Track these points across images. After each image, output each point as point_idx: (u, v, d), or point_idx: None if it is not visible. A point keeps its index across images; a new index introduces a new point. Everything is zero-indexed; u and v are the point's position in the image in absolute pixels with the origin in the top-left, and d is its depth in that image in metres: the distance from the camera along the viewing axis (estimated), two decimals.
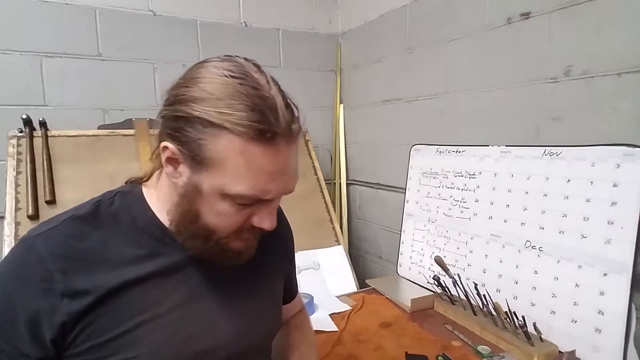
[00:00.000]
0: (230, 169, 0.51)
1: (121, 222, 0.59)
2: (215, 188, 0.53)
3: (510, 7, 1.25)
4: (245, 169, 0.51)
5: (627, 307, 0.90)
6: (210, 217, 0.56)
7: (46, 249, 0.54)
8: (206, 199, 0.54)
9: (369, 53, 1.93)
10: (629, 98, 1.00)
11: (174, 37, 1.75)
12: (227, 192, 0.53)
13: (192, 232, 0.57)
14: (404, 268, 1.56)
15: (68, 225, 0.57)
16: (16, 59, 1.51)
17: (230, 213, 0.55)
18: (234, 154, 0.51)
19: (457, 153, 1.39)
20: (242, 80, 0.51)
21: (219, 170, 0.52)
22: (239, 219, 0.57)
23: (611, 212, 0.94)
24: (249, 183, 0.52)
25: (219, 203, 0.54)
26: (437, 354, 1.02)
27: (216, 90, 0.50)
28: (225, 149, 0.50)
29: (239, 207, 0.55)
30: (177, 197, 0.57)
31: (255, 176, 0.52)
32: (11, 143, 1.37)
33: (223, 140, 0.50)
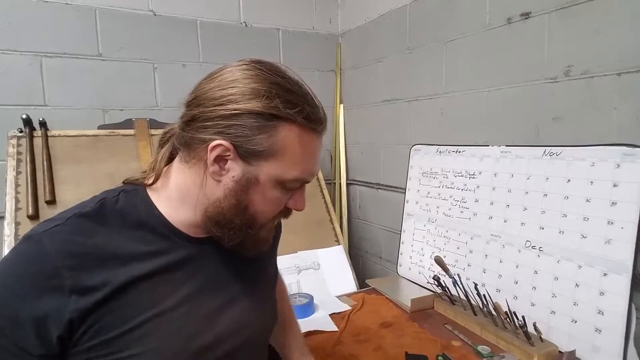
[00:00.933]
0: (290, 156, 0.57)
1: (127, 220, 0.60)
2: (273, 176, 0.58)
3: (510, 7, 1.25)
4: (302, 155, 0.58)
5: (627, 307, 0.90)
6: (260, 205, 0.60)
7: (53, 245, 0.54)
8: (262, 188, 0.59)
9: (369, 53, 1.93)
10: (629, 98, 1.00)
11: (174, 37, 1.75)
12: (284, 177, 0.58)
13: (237, 224, 0.60)
14: (404, 268, 1.56)
15: (73, 222, 0.57)
16: (16, 59, 1.51)
17: (278, 198, 0.61)
18: (293, 143, 0.57)
19: (457, 153, 1.39)
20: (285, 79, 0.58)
21: (279, 158, 0.57)
22: (282, 203, 0.62)
23: (611, 212, 0.94)
24: (303, 167, 0.59)
25: (272, 190, 0.59)
26: (437, 354, 1.02)
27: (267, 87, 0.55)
28: (287, 139, 0.56)
29: (286, 192, 0.61)
30: (222, 192, 0.59)
31: (307, 161, 0.60)
32: (11, 143, 1.37)
33: (284, 131, 0.56)
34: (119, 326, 0.55)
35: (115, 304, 0.55)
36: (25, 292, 0.52)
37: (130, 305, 0.56)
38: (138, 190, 0.64)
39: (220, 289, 0.65)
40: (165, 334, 0.57)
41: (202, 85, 0.59)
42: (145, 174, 0.66)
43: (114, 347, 0.54)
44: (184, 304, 0.60)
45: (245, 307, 0.68)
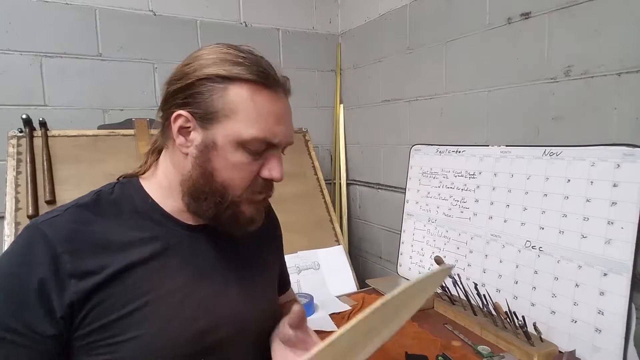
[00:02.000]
0: (242, 115, 0.58)
1: (122, 209, 0.62)
2: (230, 137, 0.58)
3: (510, 7, 1.25)
4: (256, 112, 0.58)
5: (627, 307, 0.90)
6: (225, 172, 0.60)
7: (53, 233, 0.56)
8: (221, 152, 0.59)
9: (369, 53, 1.93)
10: (629, 98, 1.00)
11: (174, 37, 1.75)
12: (241, 138, 0.58)
13: (208, 194, 0.60)
14: (404, 268, 1.56)
15: (71, 212, 0.60)
16: (16, 59, 1.51)
17: (244, 163, 0.60)
18: (244, 100, 0.58)
19: (457, 153, 1.39)
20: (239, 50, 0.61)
21: (232, 118, 0.58)
22: (252, 169, 0.61)
23: (611, 212, 0.94)
24: (260, 125, 0.58)
25: (234, 154, 0.59)
26: (437, 354, 1.02)
27: (221, 56, 0.59)
28: (237, 97, 0.58)
29: (252, 157, 0.60)
30: (189, 165, 0.60)
31: (264, 119, 0.59)
32: (11, 143, 1.37)
33: (234, 90, 0.58)
34: (117, 310, 0.56)
35: (114, 288, 0.57)
36: (29, 276, 0.54)
37: (128, 290, 0.57)
38: (132, 181, 0.67)
39: (216, 276, 0.66)
40: (162, 318, 0.59)
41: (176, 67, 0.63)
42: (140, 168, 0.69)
43: (113, 330, 0.56)
44: (180, 289, 0.61)
45: (241, 295, 0.68)
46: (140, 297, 0.58)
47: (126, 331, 0.56)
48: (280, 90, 0.61)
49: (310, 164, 1.84)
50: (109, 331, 0.56)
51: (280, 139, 0.61)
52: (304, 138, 1.89)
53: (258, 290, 0.73)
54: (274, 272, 0.82)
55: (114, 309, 0.56)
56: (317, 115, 2.13)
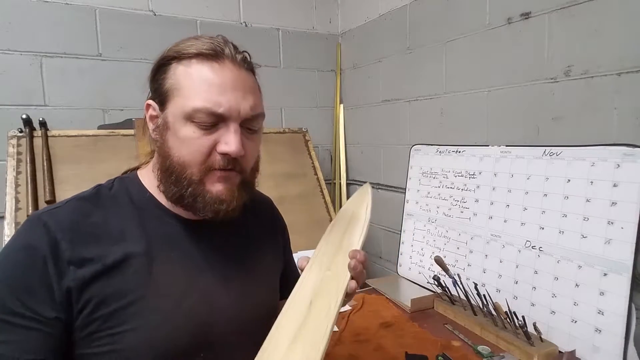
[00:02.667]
0: (185, 89, 0.59)
1: (120, 202, 0.64)
2: (177, 113, 0.60)
3: (510, 7, 1.25)
4: (197, 84, 0.59)
5: (627, 307, 0.90)
6: (179, 149, 0.60)
7: (53, 221, 0.58)
8: (172, 130, 0.60)
9: (369, 53, 1.93)
10: (629, 98, 1.00)
11: (174, 37, 1.73)
12: (185, 111, 0.59)
13: (169, 172, 0.61)
14: (404, 268, 1.56)
15: (71, 204, 0.62)
16: (16, 59, 1.51)
17: (194, 138, 0.59)
18: (187, 75, 0.60)
19: (457, 153, 1.39)
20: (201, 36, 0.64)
21: (177, 94, 0.60)
22: (203, 143, 0.60)
23: (611, 212, 0.94)
24: (201, 96, 0.58)
25: (183, 128, 0.59)
26: (437, 354, 1.02)
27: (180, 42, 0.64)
28: (182, 74, 0.60)
29: (202, 131, 0.59)
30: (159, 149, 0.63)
31: (205, 88, 0.59)
32: (11, 143, 1.37)
33: (179, 68, 0.61)
34: (116, 301, 0.57)
35: (113, 278, 0.58)
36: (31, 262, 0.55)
37: (127, 281, 0.58)
38: (131, 176, 0.69)
39: (214, 271, 0.66)
40: (161, 310, 0.59)
41: None
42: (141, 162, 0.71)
43: (113, 321, 0.57)
44: (180, 282, 0.62)
45: (240, 290, 0.69)
46: (139, 289, 0.59)
47: (126, 322, 0.57)
48: (227, 61, 0.61)
49: (310, 164, 1.84)
50: (109, 322, 0.57)
51: (226, 109, 0.59)
52: (304, 138, 1.88)
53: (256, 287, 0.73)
54: (275, 270, 0.81)
55: (113, 300, 0.57)
56: (317, 115, 2.13)
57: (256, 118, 0.63)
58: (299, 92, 2.06)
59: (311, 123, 2.02)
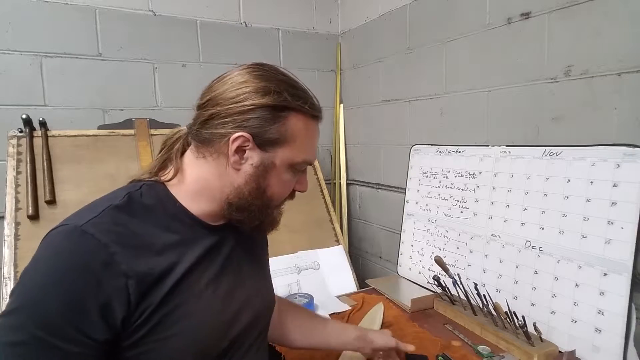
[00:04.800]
0: (299, 142, 0.66)
1: (153, 212, 0.64)
2: (287, 160, 0.66)
3: (510, 7, 1.25)
4: (308, 140, 0.68)
5: (627, 307, 0.90)
6: (276, 187, 0.68)
7: (100, 234, 0.55)
8: (277, 171, 0.67)
9: (369, 53, 1.93)
10: (629, 98, 1.00)
11: (174, 37, 1.75)
12: (295, 160, 0.67)
13: (256, 206, 0.67)
14: (404, 268, 1.56)
15: (108, 214, 0.59)
16: (16, 59, 1.51)
17: (290, 180, 0.69)
18: (300, 130, 0.66)
19: (457, 153, 1.39)
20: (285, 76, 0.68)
21: (291, 144, 0.66)
22: (292, 185, 0.71)
23: (611, 212, 0.94)
24: (308, 151, 0.69)
25: (285, 173, 0.67)
26: (437, 354, 1.02)
27: (274, 84, 0.64)
28: (295, 127, 0.65)
29: (295, 175, 0.70)
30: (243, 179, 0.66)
31: (311, 145, 0.70)
32: (11, 143, 1.37)
33: (293, 120, 0.65)
34: (163, 309, 0.59)
35: (160, 289, 0.59)
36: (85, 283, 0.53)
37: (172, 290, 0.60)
38: (157, 185, 0.68)
39: (233, 271, 0.71)
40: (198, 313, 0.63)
41: (214, 87, 0.66)
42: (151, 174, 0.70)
43: (159, 329, 0.59)
44: (210, 285, 0.66)
45: (253, 286, 0.75)
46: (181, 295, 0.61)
47: (170, 329, 0.59)
48: (321, 117, 0.71)
49: None
50: (155, 330, 0.58)
51: (314, 161, 0.72)
52: None
53: (264, 283, 0.81)
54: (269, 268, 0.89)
55: (160, 310, 0.58)
56: None
57: None
58: None
59: None
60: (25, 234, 1.25)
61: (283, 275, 1.49)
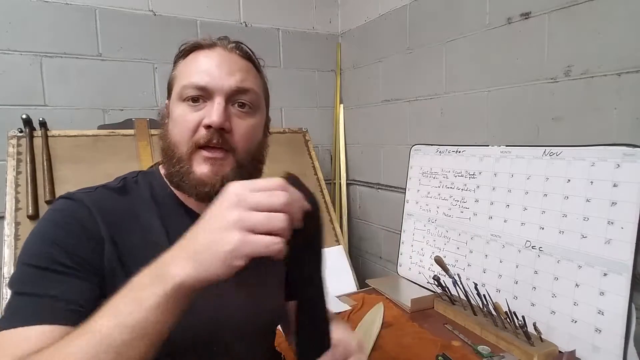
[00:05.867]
0: (180, 75, 0.66)
1: (143, 195, 0.66)
2: (174, 98, 0.65)
3: (510, 7, 1.25)
4: (189, 68, 0.65)
5: (627, 307, 0.90)
6: (172, 129, 0.65)
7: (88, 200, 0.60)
8: (171, 115, 0.66)
9: (369, 53, 1.93)
10: (629, 98, 1.00)
11: (174, 37, 1.74)
12: (177, 92, 0.64)
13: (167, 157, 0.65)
14: (404, 268, 1.56)
15: (100, 191, 0.64)
16: (16, 59, 1.51)
17: (183, 115, 0.63)
18: (184, 65, 0.67)
19: (457, 153, 1.39)
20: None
21: (176, 82, 0.66)
22: (190, 119, 0.63)
23: (611, 212, 0.94)
24: (189, 75, 0.64)
25: (176, 109, 0.64)
26: (437, 354, 1.02)
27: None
28: (180, 66, 0.67)
29: (190, 108, 0.63)
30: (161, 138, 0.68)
31: (194, 69, 0.64)
32: (11, 143, 1.37)
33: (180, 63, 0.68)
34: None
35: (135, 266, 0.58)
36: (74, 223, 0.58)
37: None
38: (154, 171, 0.71)
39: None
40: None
41: None
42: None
43: None
44: None
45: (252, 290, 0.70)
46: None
47: None
48: (218, 47, 0.66)
49: (310, 164, 1.84)
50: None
51: (208, 81, 0.62)
52: (304, 138, 1.89)
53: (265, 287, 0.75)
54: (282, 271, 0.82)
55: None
56: (317, 115, 2.13)
57: (245, 92, 0.65)
58: (299, 92, 2.06)
59: (311, 123, 2.02)
60: (25, 234, 1.25)
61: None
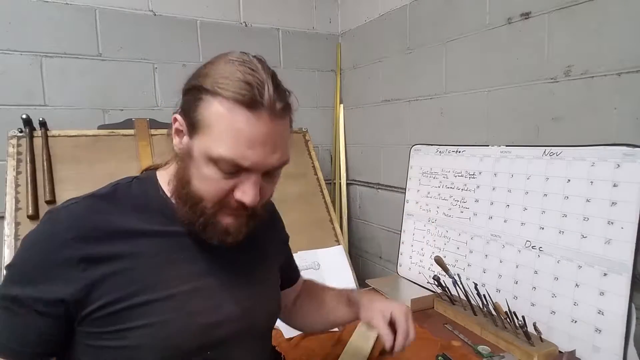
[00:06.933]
0: (215, 131, 0.56)
1: (136, 203, 0.65)
2: (203, 151, 0.58)
3: (510, 7, 1.25)
4: (228, 131, 0.56)
5: (627, 307, 0.90)
6: (198, 181, 0.60)
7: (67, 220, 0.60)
8: (195, 162, 0.59)
9: (369, 53, 1.93)
10: (629, 98, 1.00)
11: (174, 37, 1.75)
12: (211, 154, 0.57)
13: (184, 198, 0.62)
14: (404, 268, 1.56)
15: (88, 201, 0.64)
16: (16, 59, 1.51)
17: (214, 179, 0.59)
18: (220, 117, 0.56)
19: (457, 153, 1.39)
20: (242, 63, 0.58)
21: (207, 133, 0.57)
22: (222, 186, 0.59)
23: (611, 212, 0.94)
24: (229, 146, 0.56)
25: (205, 167, 0.58)
26: (437, 354, 1.02)
27: (219, 68, 0.58)
28: (215, 113, 0.56)
29: (222, 175, 0.58)
30: (176, 167, 0.64)
31: (235, 140, 0.56)
32: (11, 143, 1.37)
33: (214, 106, 0.56)
34: (124, 300, 0.58)
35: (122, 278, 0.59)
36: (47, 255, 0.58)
37: (135, 280, 0.60)
38: (150, 176, 0.69)
39: (221, 273, 0.68)
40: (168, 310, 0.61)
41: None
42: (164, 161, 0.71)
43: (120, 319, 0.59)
44: (186, 284, 0.63)
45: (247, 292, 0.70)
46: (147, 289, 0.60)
47: (133, 320, 0.59)
48: (263, 112, 0.56)
49: (310, 164, 1.83)
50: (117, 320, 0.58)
51: (252, 164, 0.57)
52: (304, 138, 1.88)
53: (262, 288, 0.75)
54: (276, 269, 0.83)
55: (121, 300, 0.58)
56: (317, 115, 2.13)
57: (281, 166, 0.62)
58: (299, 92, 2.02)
59: (311, 123, 2.02)
60: (25, 234, 1.25)
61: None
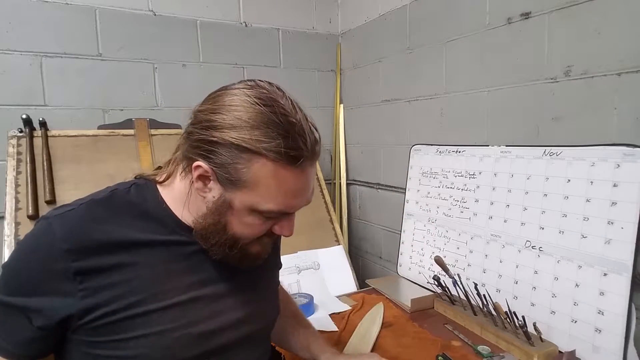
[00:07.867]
0: (263, 190, 0.57)
1: (135, 210, 0.64)
2: (247, 205, 0.59)
3: (510, 7, 1.25)
4: (276, 189, 0.57)
5: (627, 307, 0.90)
6: (238, 227, 0.61)
7: (62, 230, 0.58)
8: (236, 213, 0.60)
9: (369, 53, 1.93)
10: (629, 98, 1.00)
11: (174, 37, 1.75)
12: (259, 209, 0.59)
13: (220, 241, 0.62)
14: (404, 268, 1.56)
15: (84, 208, 0.62)
16: (16, 59, 1.51)
17: (257, 224, 0.62)
18: (266, 177, 0.56)
19: (457, 153, 1.39)
20: (272, 108, 0.56)
21: (252, 190, 0.57)
22: (264, 228, 0.63)
23: (611, 212, 0.94)
24: (278, 201, 0.59)
25: (248, 217, 0.60)
26: (437, 354, 1.02)
27: (250, 118, 0.55)
28: (259, 172, 0.56)
29: (266, 220, 0.62)
30: (205, 209, 0.61)
31: (283, 195, 0.58)
32: (11, 143, 1.37)
33: (257, 165, 0.56)
34: (124, 311, 0.58)
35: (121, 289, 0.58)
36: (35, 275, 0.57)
37: (134, 289, 0.59)
38: (149, 184, 0.67)
39: (221, 282, 0.68)
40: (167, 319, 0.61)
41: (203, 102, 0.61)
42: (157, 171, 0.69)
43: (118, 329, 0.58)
44: (187, 292, 0.63)
45: (249, 298, 0.71)
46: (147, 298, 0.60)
47: (132, 330, 0.59)
48: (306, 162, 0.58)
49: None
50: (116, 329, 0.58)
51: (296, 208, 0.63)
52: None
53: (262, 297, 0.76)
54: (276, 273, 0.84)
55: (120, 310, 0.58)
56: (317, 115, 2.12)
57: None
58: (299, 92, 2.03)
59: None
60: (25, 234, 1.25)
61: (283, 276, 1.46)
